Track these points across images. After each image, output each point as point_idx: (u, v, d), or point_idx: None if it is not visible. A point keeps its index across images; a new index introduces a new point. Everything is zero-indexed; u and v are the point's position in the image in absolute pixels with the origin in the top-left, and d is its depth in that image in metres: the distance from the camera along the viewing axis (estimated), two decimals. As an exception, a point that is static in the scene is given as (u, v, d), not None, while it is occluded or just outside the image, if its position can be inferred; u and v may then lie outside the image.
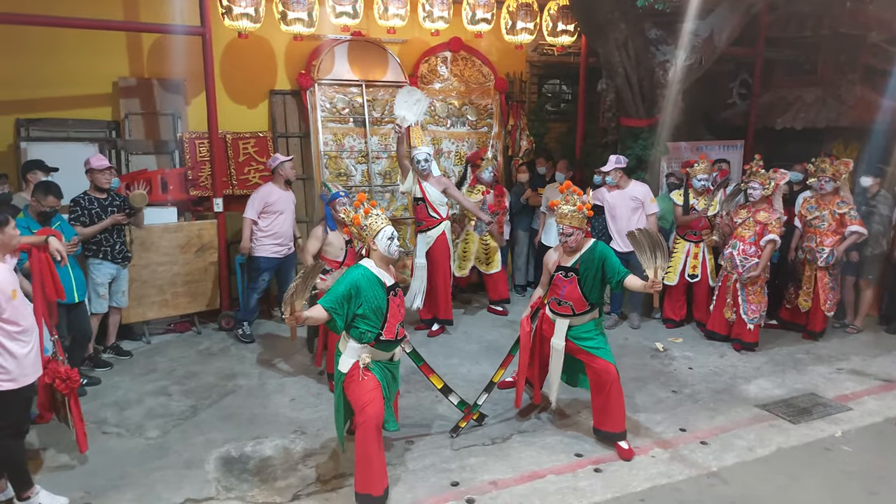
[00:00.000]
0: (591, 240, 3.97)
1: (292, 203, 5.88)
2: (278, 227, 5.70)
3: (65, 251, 3.66)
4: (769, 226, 5.41)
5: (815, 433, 4.19)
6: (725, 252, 5.64)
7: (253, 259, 5.75)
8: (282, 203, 5.72)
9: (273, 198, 5.67)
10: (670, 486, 3.58)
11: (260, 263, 5.73)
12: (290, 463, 3.77)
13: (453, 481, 3.59)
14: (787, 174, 5.68)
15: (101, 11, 5.80)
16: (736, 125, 8.08)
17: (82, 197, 4.97)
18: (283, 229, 5.74)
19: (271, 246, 5.71)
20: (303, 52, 6.82)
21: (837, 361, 5.43)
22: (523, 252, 7.24)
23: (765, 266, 5.44)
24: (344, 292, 3.24)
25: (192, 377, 4.98)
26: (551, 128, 8.07)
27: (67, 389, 3.48)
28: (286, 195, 5.80)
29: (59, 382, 3.46)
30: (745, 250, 5.45)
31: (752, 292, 5.48)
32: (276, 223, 5.69)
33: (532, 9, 6.97)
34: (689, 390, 4.83)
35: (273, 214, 5.68)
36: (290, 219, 5.84)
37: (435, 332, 5.94)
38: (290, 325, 3.14)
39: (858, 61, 7.69)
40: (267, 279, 5.82)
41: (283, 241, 5.77)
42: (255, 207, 5.63)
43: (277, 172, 5.71)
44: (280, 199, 5.71)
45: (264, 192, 5.70)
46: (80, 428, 3.56)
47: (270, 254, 5.72)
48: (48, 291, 3.54)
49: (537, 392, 4.36)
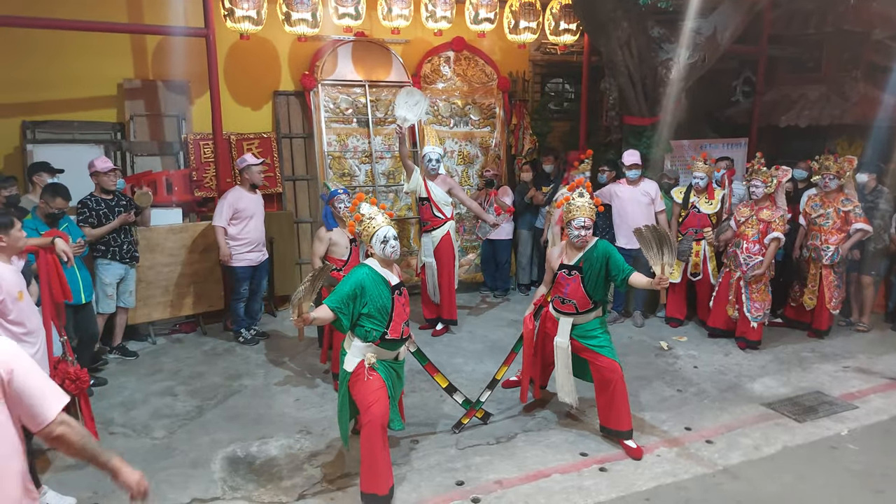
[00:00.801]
0: (595, 238, 3.97)
1: (261, 206, 5.75)
2: (250, 234, 5.56)
3: (71, 252, 3.67)
4: (773, 223, 5.39)
5: (821, 431, 4.18)
6: (730, 250, 5.63)
7: (230, 270, 5.63)
8: (251, 207, 5.59)
9: (242, 203, 5.52)
10: (676, 485, 3.58)
11: (238, 273, 5.60)
12: (295, 462, 3.78)
13: (458, 480, 3.59)
14: (788, 171, 5.64)
15: (106, 14, 5.83)
16: (740, 123, 8.06)
17: (89, 198, 5.01)
18: (255, 235, 5.61)
19: (247, 253, 5.57)
20: (306, 52, 6.83)
21: (843, 359, 5.42)
22: (527, 251, 7.24)
23: (769, 264, 5.43)
24: (349, 292, 3.26)
25: (197, 377, 5.00)
26: (554, 127, 8.08)
27: (77, 390, 3.50)
28: (255, 198, 5.66)
29: (69, 383, 3.46)
30: (749, 248, 5.44)
31: (756, 290, 5.47)
32: (248, 229, 5.55)
33: (535, 8, 6.97)
34: (695, 389, 4.82)
35: (244, 220, 5.53)
36: (260, 224, 5.69)
37: (439, 331, 5.95)
38: (298, 326, 3.15)
39: (862, 58, 7.67)
40: (248, 287, 5.70)
41: (257, 247, 5.64)
42: (224, 214, 5.46)
43: (244, 175, 5.58)
44: (249, 204, 5.58)
45: (232, 198, 5.52)
46: (90, 428, 3.58)
47: (247, 262, 5.59)
48: (56, 293, 3.56)
49: (537, 388, 4.36)
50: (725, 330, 5.76)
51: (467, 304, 6.87)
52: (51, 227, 4.35)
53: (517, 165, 7.51)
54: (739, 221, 5.57)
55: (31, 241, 3.53)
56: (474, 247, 7.38)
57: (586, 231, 3.83)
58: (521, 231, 7.15)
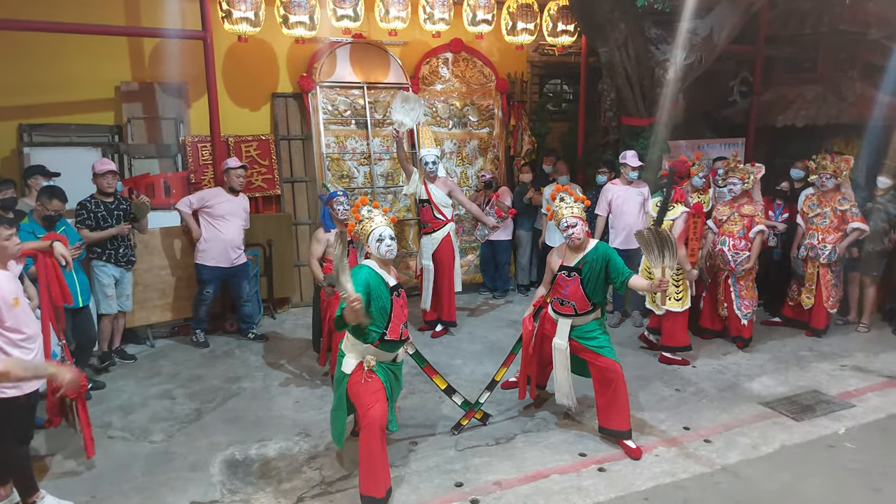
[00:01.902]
0: (594, 240, 3.98)
1: (243, 211, 5.66)
2: (221, 235, 5.47)
3: (70, 256, 3.66)
4: (756, 217, 5.44)
5: (819, 430, 4.19)
6: (715, 249, 5.64)
7: (196, 268, 5.58)
8: (226, 207, 5.51)
9: (216, 200, 5.48)
10: (674, 485, 3.58)
11: (203, 274, 5.53)
12: (294, 465, 3.78)
13: (457, 482, 3.60)
14: (762, 167, 5.68)
15: (103, 17, 5.84)
16: (737, 123, 8.08)
17: (89, 200, 5.00)
18: (228, 237, 5.50)
19: (216, 255, 5.49)
20: (304, 54, 6.84)
21: (841, 358, 5.43)
22: (526, 252, 7.25)
23: (756, 257, 5.45)
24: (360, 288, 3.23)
25: (196, 380, 5.00)
26: (553, 127, 8.09)
27: (74, 394, 3.48)
28: (234, 201, 5.58)
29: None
30: (736, 245, 5.46)
31: (744, 287, 5.50)
32: (221, 231, 5.47)
33: (532, 9, 6.98)
34: (693, 388, 4.83)
35: (216, 219, 5.48)
36: (237, 227, 5.59)
37: (438, 332, 5.96)
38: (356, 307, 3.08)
39: (858, 58, 7.69)
40: (212, 291, 5.62)
41: (230, 251, 5.53)
42: (189, 200, 5.44)
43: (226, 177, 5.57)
44: (224, 203, 5.51)
45: (208, 192, 5.54)
46: (87, 433, 3.58)
47: (213, 263, 5.50)
48: (55, 296, 3.55)
49: (533, 387, 4.38)
50: (714, 330, 5.80)
51: (467, 305, 6.88)
52: (48, 230, 4.34)
53: (516, 166, 7.52)
54: (721, 220, 5.60)
55: (30, 244, 3.52)
56: (473, 248, 7.38)
57: (574, 230, 3.84)
58: (520, 232, 7.16)
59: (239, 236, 5.65)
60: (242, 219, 5.69)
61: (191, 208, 5.49)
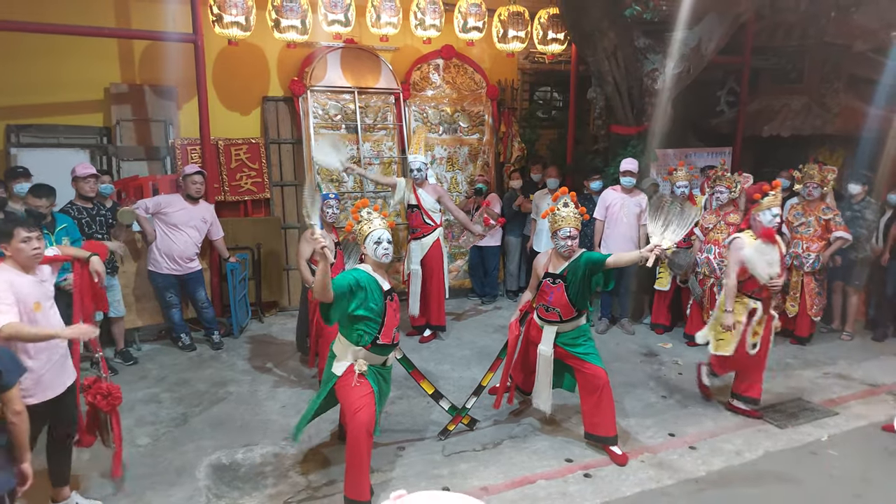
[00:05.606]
0: (581, 249, 4.01)
1: (201, 221, 5.50)
2: (172, 245, 5.36)
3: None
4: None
5: (802, 437, 4.23)
6: (701, 257, 5.69)
7: (149, 274, 5.50)
8: (181, 216, 5.36)
9: (171, 207, 5.35)
10: (659, 491, 3.61)
11: (157, 281, 5.47)
12: (280, 470, 3.77)
13: (444, 487, 3.60)
14: (750, 177, 5.78)
15: (93, 18, 5.82)
16: (724, 132, 8.18)
17: (70, 207, 4.95)
18: (178, 248, 5.38)
19: (168, 263, 5.41)
20: (295, 58, 6.85)
21: (824, 366, 5.50)
22: (515, 258, 7.28)
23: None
24: (345, 285, 3.23)
25: (182, 384, 4.97)
26: (542, 134, 8.15)
27: (109, 406, 3.36)
28: (191, 209, 5.42)
29: (101, 399, 3.33)
30: (721, 253, 5.52)
31: None
32: (171, 241, 5.35)
33: (523, 17, 7.04)
34: (679, 395, 4.87)
35: (169, 227, 5.35)
36: (190, 238, 5.43)
37: (427, 337, 5.96)
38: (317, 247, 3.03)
39: (843, 70, 7.82)
40: (174, 294, 5.56)
41: (181, 260, 5.43)
42: (145, 204, 5.30)
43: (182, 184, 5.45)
44: (181, 212, 5.37)
45: (165, 197, 5.43)
46: (118, 443, 3.47)
47: (165, 270, 5.42)
48: (87, 306, 3.42)
49: (512, 393, 4.39)
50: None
51: (455, 310, 6.89)
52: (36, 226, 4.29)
53: (506, 173, 7.57)
54: (707, 229, 5.66)
55: (68, 250, 3.45)
56: (462, 253, 7.40)
57: (573, 241, 3.86)
58: (509, 238, 7.19)
59: (192, 248, 5.47)
60: (199, 229, 5.50)
61: (147, 212, 5.33)
